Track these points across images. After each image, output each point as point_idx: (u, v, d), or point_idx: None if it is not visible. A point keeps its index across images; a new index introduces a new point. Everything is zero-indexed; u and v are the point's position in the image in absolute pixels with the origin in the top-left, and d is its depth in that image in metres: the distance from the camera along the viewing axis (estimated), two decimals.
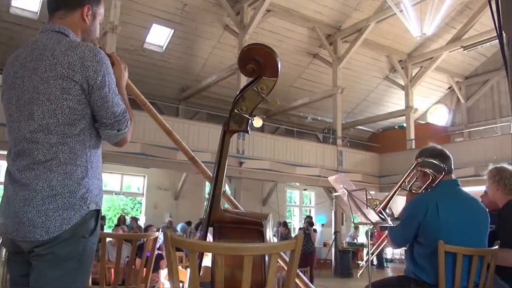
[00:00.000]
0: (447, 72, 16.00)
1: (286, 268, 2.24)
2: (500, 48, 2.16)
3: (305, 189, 16.25)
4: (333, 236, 12.94)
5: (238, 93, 1.54)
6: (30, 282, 1.35)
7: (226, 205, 1.99)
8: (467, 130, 15.93)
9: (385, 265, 14.16)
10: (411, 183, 2.42)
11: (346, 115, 16.17)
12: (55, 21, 1.52)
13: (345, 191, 2.24)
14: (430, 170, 2.30)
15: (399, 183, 2.45)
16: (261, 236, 1.51)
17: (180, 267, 5.17)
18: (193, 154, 2.00)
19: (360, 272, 2.81)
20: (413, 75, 15.17)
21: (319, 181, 12.62)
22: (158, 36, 12.35)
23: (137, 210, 14.83)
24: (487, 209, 2.42)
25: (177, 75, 13.56)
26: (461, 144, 14.00)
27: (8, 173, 1.44)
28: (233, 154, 10.74)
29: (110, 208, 14.13)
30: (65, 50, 1.41)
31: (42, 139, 1.38)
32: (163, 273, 4.15)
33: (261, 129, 15.50)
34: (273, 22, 12.51)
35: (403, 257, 16.17)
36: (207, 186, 14.80)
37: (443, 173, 2.29)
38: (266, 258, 1.46)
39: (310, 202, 17.50)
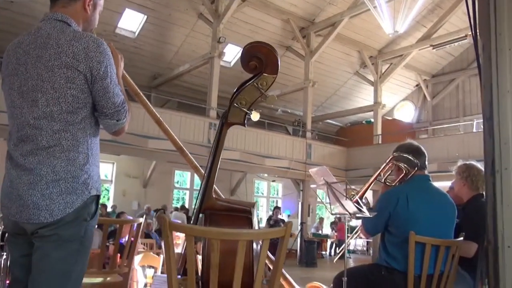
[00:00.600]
0: (415, 69, 16.49)
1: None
2: (475, 51, 2.31)
3: (273, 181, 16.46)
4: (299, 227, 13.20)
5: (238, 87, 1.59)
6: (34, 262, 1.40)
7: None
8: (432, 127, 16.54)
9: (347, 255, 14.60)
10: (386, 175, 2.54)
11: (316, 109, 16.42)
12: (57, 10, 1.54)
13: (326, 182, 2.33)
14: (404, 165, 2.44)
15: (375, 175, 2.57)
16: (249, 223, 1.58)
17: (151, 253, 5.17)
18: (181, 145, 2.03)
19: (335, 258, 2.91)
20: (383, 71, 15.55)
21: (288, 173, 12.82)
22: (131, 22, 12.07)
23: (104, 197, 14.59)
24: (454, 204, 2.58)
25: (149, 62, 13.32)
26: (425, 140, 14.52)
27: (10, 157, 1.46)
28: (204, 144, 10.72)
29: None
30: (69, 40, 1.44)
31: (46, 125, 1.42)
32: (136, 259, 4.16)
33: None
34: (248, 12, 12.47)
35: (365, 248, 16.75)
36: (176, 175, 14.85)
37: (416, 168, 2.43)
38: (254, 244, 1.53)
39: (277, 194, 17.74)
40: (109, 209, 11.75)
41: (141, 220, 2.75)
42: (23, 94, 1.45)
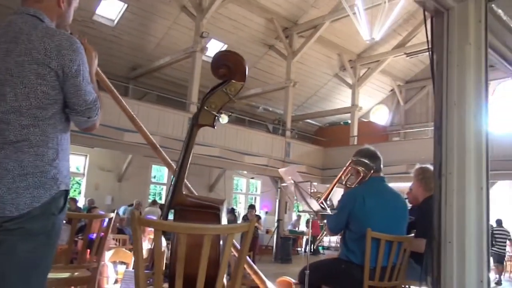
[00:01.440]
0: (390, 75, 16.98)
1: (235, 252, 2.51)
2: (430, 66, 2.55)
3: (252, 178, 16.66)
4: (275, 224, 13.45)
5: (208, 91, 1.75)
6: None
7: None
8: (404, 131, 17.09)
9: (321, 252, 14.93)
10: (347, 178, 2.78)
11: (296, 108, 16.68)
12: (31, 4, 1.55)
13: (293, 182, 2.54)
14: (362, 168, 2.68)
15: (337, 178, 2.80)
16: (218, 219, 1.74)
17: (124, 249, 5.19)
18: (154, 141, 2.17)
19: (308, 255, 3.15)
20: (361, 75, 15.96)
21: (267, 170, 13.04)
22: (110, 9, 11.78)
23: (74, 190, 14.36)
24: (407, 203, 2.83)
25: (128, 53, 13.08)
26: (396, 143, 15.03)
27: None
28: (183, 139, 10.75)
29: None
30: (42, 37, 1.45)
31: (14, 120, 1.43)
32: (107, 254, 4.18)
33: None
34: (232, 8, 12.54)
35: (338, 245, 17.17)
36: (153, 170, 14.84)
37: (372, 171, 2.67)
38: (221, 240, 1.69)
39: (256, 190, 17.95)
40: (83, 204, 11.52)
41: (112, 215, 2.79)
42: None
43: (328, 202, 2.96)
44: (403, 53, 14.75)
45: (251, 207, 12.48)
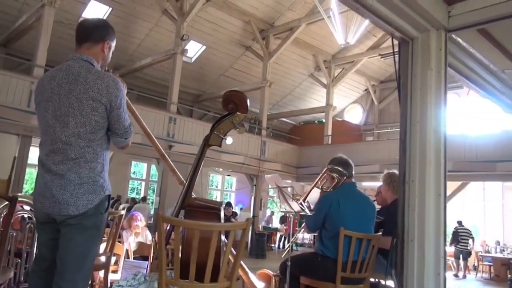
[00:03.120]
0: (365, 75, 17.55)
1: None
2: (397, 87, 2.94)
3: (228, 175, 16.96)
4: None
5: (217, 120, 2.10)
6: (61, 243, 1.82)
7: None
8: (378, 131, 17.71)
9: (294, 248, 15.41)
10: (323, 183, 3.14)
11: (271, 107, 17.06)
12: (83, 51, 1.97)
13: (277, 187, 2.88)
14: (336, 175, 3.05)
15: (314, 183, 3.17)
16: (218, 218, 2.09)
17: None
18: (163, 152, 2.48)
19: (285, 253, 3.50)
20: (335, 75, 16.47)
21: (243, 168, 13.37)
22: (95, 13, 12.03)
23: None
24: (376, 204, 3.22)
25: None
26: (370, 143, 15.61)
27: (43, 164, 1.86)
28: (164, 137, 11.01)
29: (27, 181, 13.53)
30: (95, 79, 1.87)
31: (74, 142, 1.84)
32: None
33: (190, 114, 15.87)
34: (211, 12, 12.82)
35: (311, 242, 17.72)
36: (133, 166, 14.95)
37: (345, 177, 3.05)
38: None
39: (231, 187, 18.27)
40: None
41: (122, 212, 3.13)
42: (57, 117, 1.85)
43: (306, 203, 3.32)
44: (377, 54, 15.29)
45: (228, 204, 12.84)
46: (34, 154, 12.60)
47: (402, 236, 2.70)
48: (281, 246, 16.13)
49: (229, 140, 2.18)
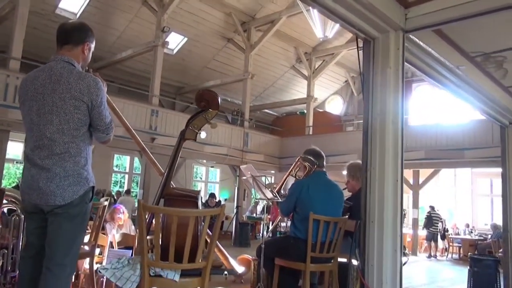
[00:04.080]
0: (344, 67, 17.87)
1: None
2: (361, 84, 3.20)
3: (212, 166, 17.17)
4: (234, 210, 14.09)
5: (191, 116, 2.33)
6: (49, 231, 2.00)
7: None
8: (358, 121, 18.10)
9: (278, 235, 15.76)
10: (296, 171, 3.41)
11: (254, 98, 17.28)
12: (64, 53, 2.12)
13: (251, 176, 3.14)
14: (308, 164, 3.32)
15: (289, 171, 3.43)
16: (196, 205, 2.32)
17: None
18: (144, 145, 2.70)
19: (267, 236, 3.78)
20: (316, 67, 16.76)
21: (226, 159, 13.60)
22: (72, 3, 11.93)
23: None
24: (348, 191, 3.50)
25: None
26: (349, 133, 15.99)
27: (28, 159, 2.03)
28: (146, 130, 11.14)
29: (5, 176, 13.50)
30: (77, 79, 2.04)
31: (58, 138, 2.00)
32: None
33: (172, 107, 15.96)
34: (192, 3, 12.85)
35: None
36: (115, 159, 15.03)
37: (316, 166, 3.32)
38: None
39: (215, 178, 18.50)
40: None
41: (106, 203, 3.34)
42: (41, 115, 2.00)
43: (282, 192, 3.59)
44: (356, 47, 15.57)
45: (212, 195, 13.07)
46: (12, 149, 12.62)
47: (365, 218, 2.98)
48: (265, 235, 16.43)
49: (203, 134, 2.39)
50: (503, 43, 3.66)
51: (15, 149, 12.51)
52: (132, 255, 3.99)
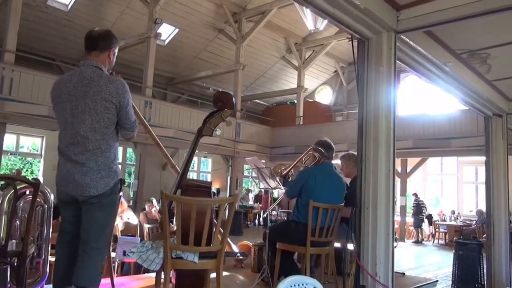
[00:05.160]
0: (334, 57, 18.13)
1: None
2: (356, 78, 3.44)
3: (205, 156, 17.38)
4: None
5: (208, 115, 2.55)
6: (84, 218, 2.22)
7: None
8: (346, 111, 18.44)
9: (270, 225, 16.11)
10: (306, 159, 3.67)
11: (244, 88, 17.45)
12: (92, 58, 2.33)
13: (256, 167, 3.38)
14: (318, 155, 3.58)
15: (299, 158, 3.71)
16: (210, 195, 2.56)
17: None
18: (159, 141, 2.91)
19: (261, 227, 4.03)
20: (306, 57, 16.97)
21: (218, 149, 13.81)
22: None
23: (27, 170, 14.43)
24: (345, 184, 3.77)
25: (82, 37, 12.67)
26: (340, 123, 16.33)
27: (63, 154, 2.24)
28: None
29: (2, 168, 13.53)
30: (106, 83, 2.25)
31: (91, 136, 2.22)
32: None
33: (164, 97, 16.06)
34: None
35: (285, 218, 18.52)
36: None
37: (325, 158, 3.58)
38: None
39: (207, 168, 18.72)
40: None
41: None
42: (74, 115, 2.21)
43: (289, 176, 3.86)
44: (346, 38, 15.83)
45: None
46: (8, 141, 12.65)
47: (360, 205, 3.24)
48: (256, 223, 16.79)
49: (218, 131, 2.61)
50: (487, 41, 3.94)
51: (8, 140, 12.54)
52: (140, 241, 4.22)
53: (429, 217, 13.41)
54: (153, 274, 3.83)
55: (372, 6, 3.02)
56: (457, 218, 13.34)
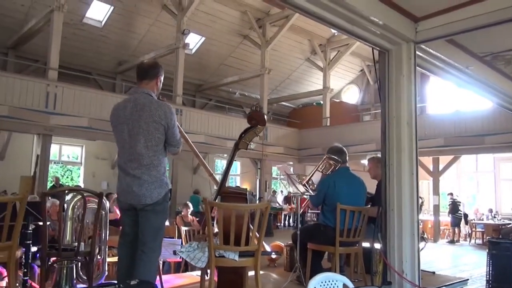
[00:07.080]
0: (360, 56, 18.08)
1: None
2: (378, 90, 3.64)
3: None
4: (257, 202, 14.65)
5: (243, 131, 2.85)
6: (141, 223, 2.58)
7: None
8: (375, 111, 18.33)
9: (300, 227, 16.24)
10: (323, 168, 3.90)
11: (270, 92, 17.69)
12: (143, 86, 2.69)
13: (286, 174, 3.66)
14: (333, 162, 3.80)
15: (316, 168, 3.92)
16: (246, 201, 2.85)
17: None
18: (199, 154, 3.23)
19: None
20: (331, 58, 17.06)
21: (247, 153, 14.11)
22: (98, 12, 12.62)
23: (67, 177, 15.21)
24: (364, 183, 3.98)
25: (115, 50, 13.91)
26: (366, 123, 16.31)
27: (122, 169, 2.61)
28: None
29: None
30: (156, 107, 2.61)
31: (145, 153, 2.58)
32: None
33: (193, 104, 16.55)
34: (209, 4, 13.37)
35: (315, 219, 18.64)
36: None
37: (340, 163, 3.81)
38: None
39: (236, 171, 19.08)
40: None
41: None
42: (131, 136, 2.57)
43: (310, 183, 4.10)
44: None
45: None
46: (52, 150, 13.45)
47: (385, 206, 3.46)
48: (286, 224, 16.98)
49: (252, 145, 3.00)
50: (510, 43, 4.03)
51: (52, 150, 13.29)
52: (181, 243, 4.56)
53: (465, 216, 13.20)
54: (194, 273, 4.19)
55: (390, 21, 3.22)
56: (495, 217, 13.03)
